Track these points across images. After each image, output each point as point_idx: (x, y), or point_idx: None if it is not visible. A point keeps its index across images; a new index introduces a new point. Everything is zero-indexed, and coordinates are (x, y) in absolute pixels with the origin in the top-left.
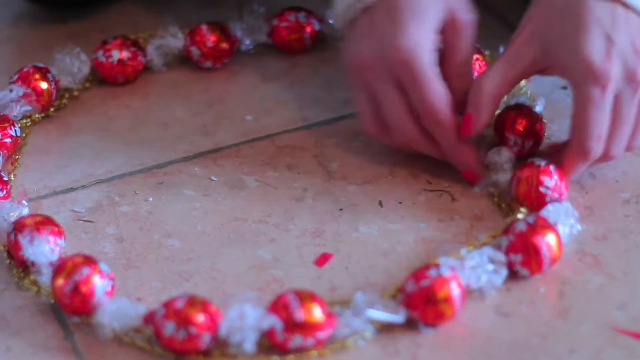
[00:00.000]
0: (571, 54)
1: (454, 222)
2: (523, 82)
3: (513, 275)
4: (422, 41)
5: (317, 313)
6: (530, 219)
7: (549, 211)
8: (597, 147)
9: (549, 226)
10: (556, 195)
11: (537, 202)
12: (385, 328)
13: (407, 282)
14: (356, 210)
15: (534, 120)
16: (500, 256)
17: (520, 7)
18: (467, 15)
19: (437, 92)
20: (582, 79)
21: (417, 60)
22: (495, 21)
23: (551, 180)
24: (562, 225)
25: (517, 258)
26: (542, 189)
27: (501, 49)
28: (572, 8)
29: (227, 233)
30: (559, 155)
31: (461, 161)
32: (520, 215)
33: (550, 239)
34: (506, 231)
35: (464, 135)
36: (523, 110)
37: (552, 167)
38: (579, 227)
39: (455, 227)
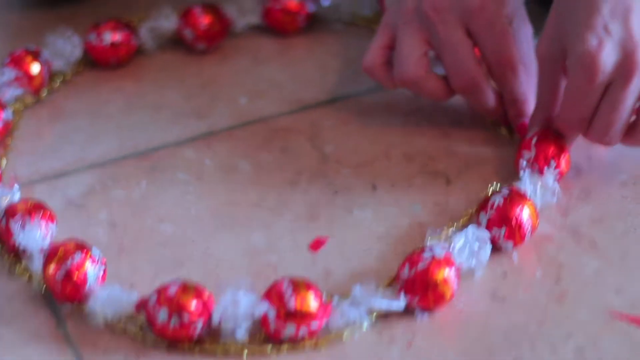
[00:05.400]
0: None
1: (450, 205)
2: None
3: (507, 258)
4: None
5: (311, 302)
6: (505, 192)
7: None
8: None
9: (524, 197)
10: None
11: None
12: (380, 315)
13: (402, 268)
14: (351, 194)
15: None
16: (484, 233)
17: None
18: None
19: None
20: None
21: (497, 10)
22: None
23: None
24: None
25: (501, 232)
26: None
27: None
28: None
29: (220, 218)
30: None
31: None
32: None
33: (527, 209)
34: (483, 207)
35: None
36: None
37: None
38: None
39: (451, 210)
